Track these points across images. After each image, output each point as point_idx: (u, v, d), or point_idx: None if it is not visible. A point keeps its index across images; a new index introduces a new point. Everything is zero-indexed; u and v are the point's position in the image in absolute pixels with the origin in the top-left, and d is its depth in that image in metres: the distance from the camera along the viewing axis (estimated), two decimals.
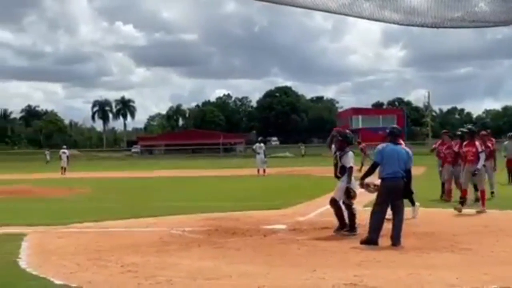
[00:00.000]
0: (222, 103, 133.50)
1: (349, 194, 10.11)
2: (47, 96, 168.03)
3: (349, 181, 10.14)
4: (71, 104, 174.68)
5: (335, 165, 10.39)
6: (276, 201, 16.00)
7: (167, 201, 17.18)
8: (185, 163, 55.23)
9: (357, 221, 10.08)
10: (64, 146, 44.67)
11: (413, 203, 11.68)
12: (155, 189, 23.67)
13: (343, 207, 10.13)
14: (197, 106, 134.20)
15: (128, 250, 8.97)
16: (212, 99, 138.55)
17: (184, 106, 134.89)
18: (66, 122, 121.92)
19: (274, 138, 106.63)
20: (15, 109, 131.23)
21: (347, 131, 11.04)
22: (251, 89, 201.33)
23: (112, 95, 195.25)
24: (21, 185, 24.96)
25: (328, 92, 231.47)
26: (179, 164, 50.29)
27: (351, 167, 10.16)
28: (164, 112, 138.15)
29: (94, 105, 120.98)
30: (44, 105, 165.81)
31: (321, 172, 26.28)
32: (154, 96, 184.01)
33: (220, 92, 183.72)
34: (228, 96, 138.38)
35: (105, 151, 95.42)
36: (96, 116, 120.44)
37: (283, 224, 11.41)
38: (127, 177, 33.24)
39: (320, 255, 8.48)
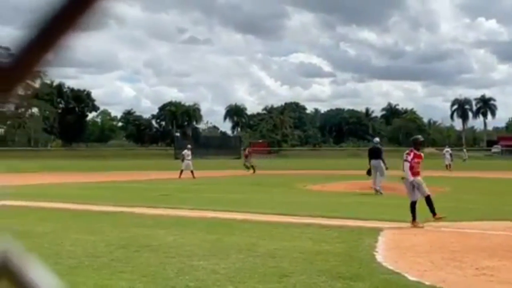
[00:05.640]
0: None
1: None
2: (407, 94, 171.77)
3: None
4: (430, 103, 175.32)
5: None
6: None
7: None
8: None
9: None
10: (447, 146, 48.01)
11: None
12: None
13: None
14: None
15: (484, 253, 8.73)
16: None
17: None
18: (425, 120, 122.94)
19: None
20: (377, 108, 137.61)
21: None
22: None
23: (472, 93, 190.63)
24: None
25: None
26: None
27: None
28: None
29: (453, 104, 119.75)
30: (403, 104, 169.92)
31: None
32: None
33: None
34: None
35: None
36: (455, 114, 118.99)
37: None
38: (487, 178, 32.13)
39: None
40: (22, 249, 0.62)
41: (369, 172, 21.06)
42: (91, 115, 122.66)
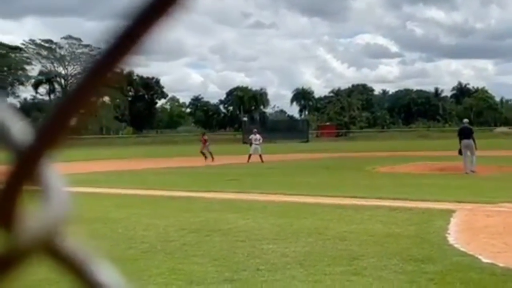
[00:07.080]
0: None
1: None
2: (477, 73, 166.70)
3: None
4: (503, 81, 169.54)
5: None
6: None
7: None
8: None
9: None
10: None
11: None
12: None
13: None
14: None
15: None
16: None
17: None
18: (497, 99, 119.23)
19: None
20: (446, 87, 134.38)
21: None
22: None
23: None
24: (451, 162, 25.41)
25: None
26: None
27: None
28: None
29: None
30: (474, 82, 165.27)
31: None
32: None
33: None
34: None
35: None
36: None
37: None
38: None
39: None
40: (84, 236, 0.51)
41: (460, 152, 21.11)
42: (160, 102, 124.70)
